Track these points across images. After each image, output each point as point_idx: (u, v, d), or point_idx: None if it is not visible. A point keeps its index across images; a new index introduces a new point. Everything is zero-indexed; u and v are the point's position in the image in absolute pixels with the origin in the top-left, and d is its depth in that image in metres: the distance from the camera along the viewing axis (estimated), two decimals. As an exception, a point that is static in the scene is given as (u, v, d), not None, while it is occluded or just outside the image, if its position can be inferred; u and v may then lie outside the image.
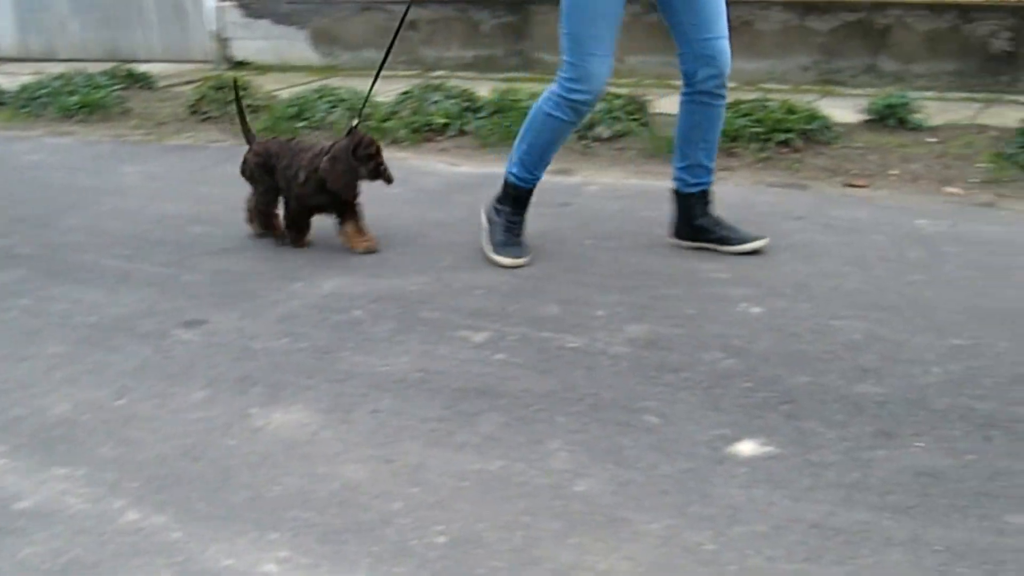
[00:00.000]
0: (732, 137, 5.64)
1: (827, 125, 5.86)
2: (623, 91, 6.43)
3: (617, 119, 6.08)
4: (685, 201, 4.25)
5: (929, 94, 7.20)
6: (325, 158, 4.10)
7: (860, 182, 5.19)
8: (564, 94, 3.93)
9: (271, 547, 2.35)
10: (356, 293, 3.85)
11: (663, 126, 6.04)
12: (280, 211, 4.42)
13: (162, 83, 8.47)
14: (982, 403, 2.92)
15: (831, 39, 7.86)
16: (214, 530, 2.42)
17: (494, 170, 5.53)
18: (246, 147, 4.45)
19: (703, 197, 4.24)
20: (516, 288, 3.86)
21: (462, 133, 6.29)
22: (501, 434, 2.81)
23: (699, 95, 4.04)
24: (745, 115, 5.79)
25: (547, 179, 5.09)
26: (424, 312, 3.66)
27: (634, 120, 6.13)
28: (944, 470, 2.59)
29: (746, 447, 2.71)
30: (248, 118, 4.61)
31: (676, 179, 4.26)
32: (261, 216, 4.45)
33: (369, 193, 4.29)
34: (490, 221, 4.26)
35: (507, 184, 4.25)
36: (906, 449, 2.69)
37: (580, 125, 4.33)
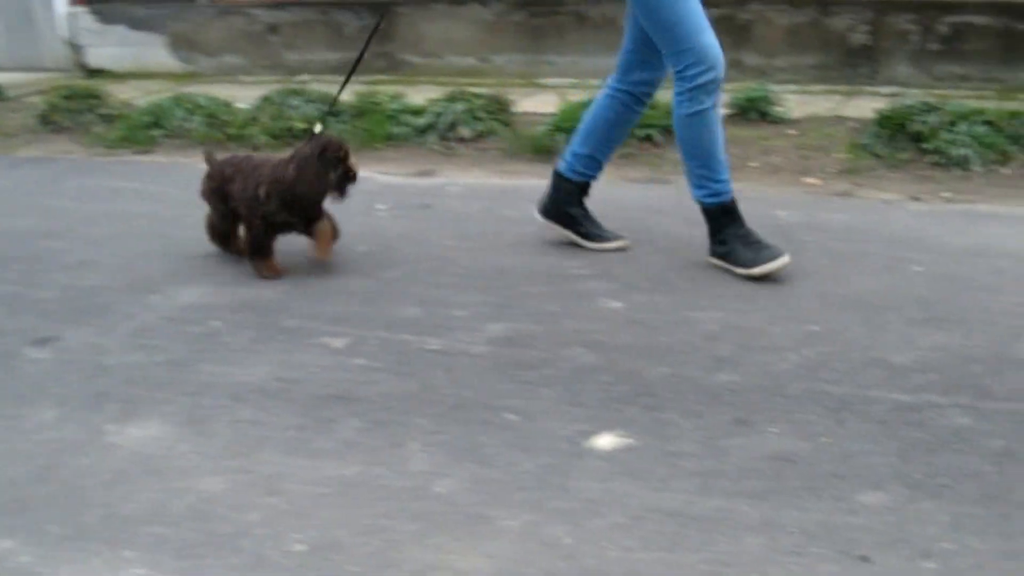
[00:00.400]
0: (594, 134, 5.69)
1: (691, 120, 5.93)
2: (484, 91, 6.44)
3: (479, 119, 6.08)
4: (566, 185, 4.23)
5: (791, 87, 7.33)
6: (291, 166, 3.90)
7: (720, 175, 5.26)
8: (691, 84, 3.75)
9: (126, 565, 2.30)
10: (214, 303, 3.78)
11: (526, 125, 6.06)
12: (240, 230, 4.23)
13: (11, 93, 8.21)
14: (835, 387, 2.99)
15: (694, 35, 7.95)
16: (66, 551, 2.35)
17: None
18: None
19: (583, 188, 4.24)
20: (376, 292, 3.83)
21: (323, 138, 6.23)
22: (360, 439, 2.78)
23: (624, 94, 4.04)
24: (605, 112, 5.83)
25: (408, 181, 5.11)
26: (283, 320, 3.60)
27: (496, 120, 6.14)
28: (798, 454, 2.64)
29: (605, 440, 2.72)
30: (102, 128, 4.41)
31: (566, 161, 4.24)
32: (218, 236, 4.23)
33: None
34: (724, 255, 3.95)
35: (711, 210, 3.97)
36: (761, 435, 2.74)
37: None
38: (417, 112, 6.25)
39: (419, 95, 6.61)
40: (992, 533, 2.30)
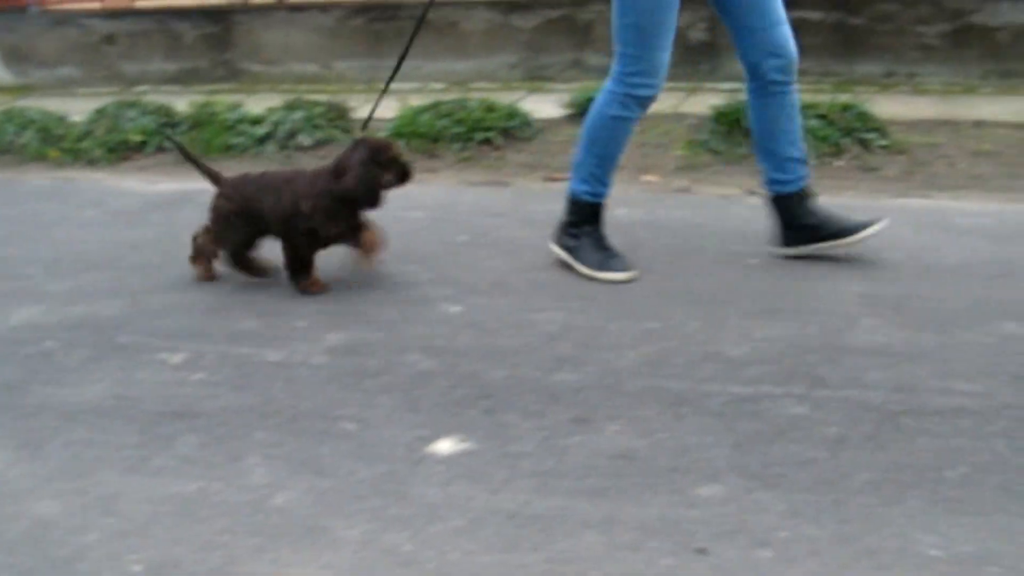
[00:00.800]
0: (433, 138, 5.72)
1: (527, 122, 5.98)
2: (324, 98, 6.41)
3: (319, 127, 6.05)
4: (786, 203, 4.02)
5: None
6: (348, 176, 3.73)
7: (560, 176, 5.30)
8: (630, 91, 3.73)
9: (-45, 596, 2.24)
10: (47, 323, 3.69)
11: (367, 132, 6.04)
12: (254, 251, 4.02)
13: None
14: (673, 382, 3.04)
15: (536, 36, 8.02)
16: None
17: (193, 186, 5.39)
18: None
19: (803, 194, 4.02)
20: (215, 305, 3.79)
21: (160, 150, 6.11)
22: (199, 455, 2.75)
23: (769, 85, 3.86)
24: (445, 116, 5.85)
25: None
26: (120, 337, 3.54)
27: (336, 127, 6.12)
28: (637, 450, 2.68)
29: (444, 445, 2.73)
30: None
31: (769, 182, 4.04)
32: (239, 260, 3.98)
33: (63, 215, 4.11)
34: (570, 248, 3.98)
35: (580, 204, 3.97)
36: (601, 433, 2.77)
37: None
38: (255, 121, 6.20)
39: (259, 104, 6.55)
40: (827, 519, 2.36)
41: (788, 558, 2.23)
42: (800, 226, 3.99)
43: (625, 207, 4.70)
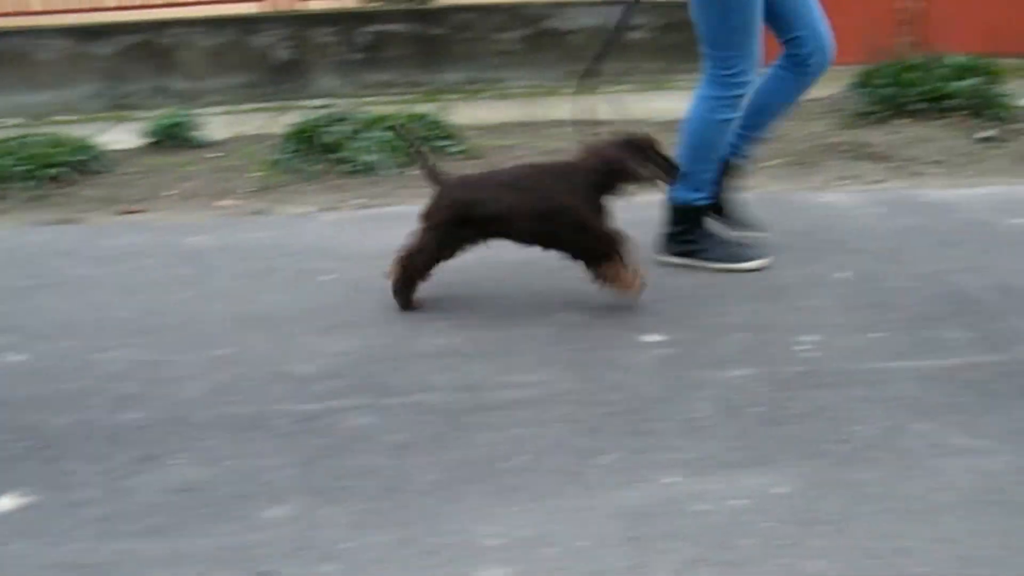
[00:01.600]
0: (-1, 178, 5.50)
1: (97, 155, 5.84)
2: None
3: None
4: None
5: (219, 109, 7.41)
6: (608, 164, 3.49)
7: (135, 208, 5.22)
8: (734, 91, 3.74)
9: None
10: None
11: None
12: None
13: None
14: (241, 407, 3.06)
15: (116, 63, 7.87)
16: None
17: None
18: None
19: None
20: None
21: None
22: None
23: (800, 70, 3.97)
24: (9, 154, 5.62)
25: None
26: None
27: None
28: (202, 481, 2.68)
29: (3, 503, 2.64)
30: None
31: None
32: (421, 272, 3.69)
33: None
34: (693, 252, 3.98)
35: (692, 210, 3.96)
36: (166, 468, 2.75)
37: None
38: None
39: None
40: (391, 524, 2.44)
41: (353, 568, 2.30)
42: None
43: (199, 234, 4.68)
